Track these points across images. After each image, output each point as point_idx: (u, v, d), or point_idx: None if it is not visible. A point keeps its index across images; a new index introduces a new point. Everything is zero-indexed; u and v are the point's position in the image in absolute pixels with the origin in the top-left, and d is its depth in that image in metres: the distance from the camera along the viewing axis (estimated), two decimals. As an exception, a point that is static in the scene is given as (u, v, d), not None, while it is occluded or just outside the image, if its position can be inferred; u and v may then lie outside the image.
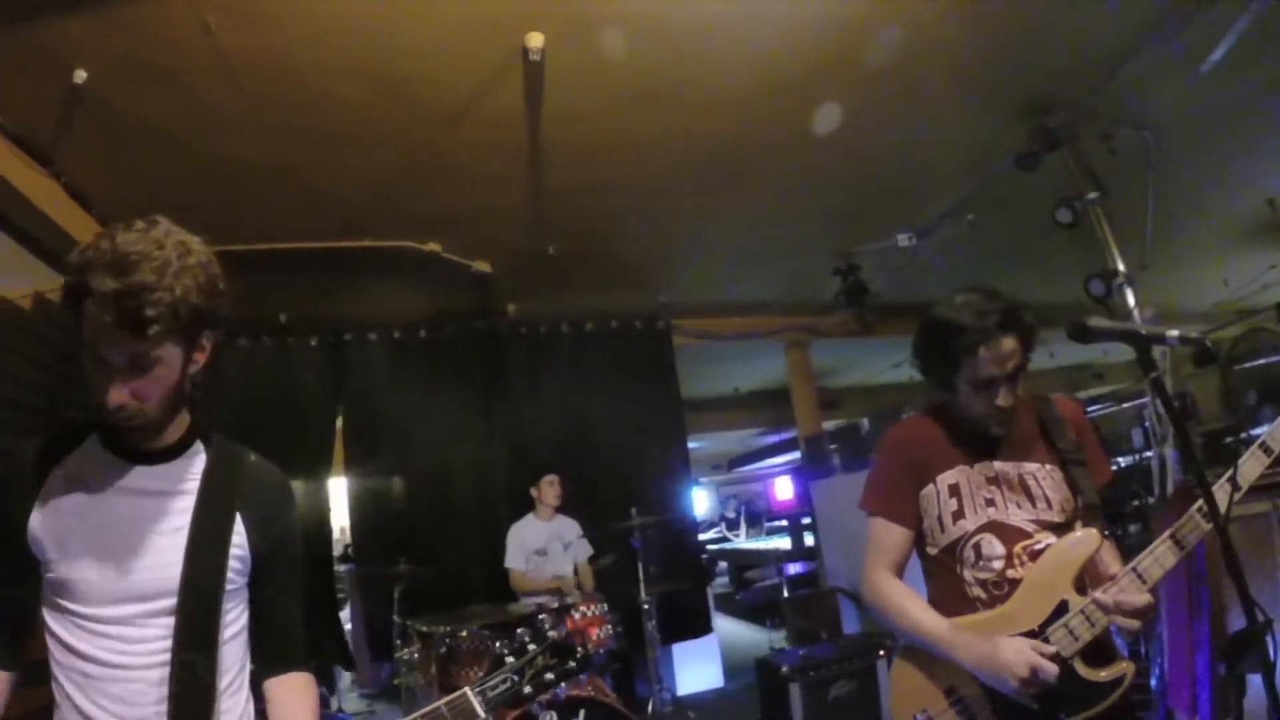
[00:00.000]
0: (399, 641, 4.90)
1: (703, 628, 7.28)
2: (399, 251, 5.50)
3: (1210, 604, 3.43)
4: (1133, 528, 5.16)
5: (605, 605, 4.53)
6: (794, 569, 9.31)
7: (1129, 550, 2.02)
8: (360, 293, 6.32)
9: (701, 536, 13.91)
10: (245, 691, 1.68)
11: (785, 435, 13.90)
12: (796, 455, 10.21)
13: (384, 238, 5.38)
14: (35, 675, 1.60)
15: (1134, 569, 1.91)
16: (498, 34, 3.56)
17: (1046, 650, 1.90)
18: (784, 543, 12.46)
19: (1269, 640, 1.77)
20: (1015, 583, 2.02)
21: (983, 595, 2.07)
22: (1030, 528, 2.06)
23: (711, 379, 11.02)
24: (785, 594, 7.79)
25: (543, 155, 4.63)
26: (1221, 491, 1.85)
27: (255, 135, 4.17)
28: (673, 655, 7.21)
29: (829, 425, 9.35)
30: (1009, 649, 1.90)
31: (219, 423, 1.77)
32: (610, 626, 4.46)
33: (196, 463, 1.66)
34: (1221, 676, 3.27)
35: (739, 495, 19.95)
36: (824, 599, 6.65)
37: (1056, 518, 2.07)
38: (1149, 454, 4.85)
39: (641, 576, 4.89)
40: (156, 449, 1.61)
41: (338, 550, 8.80)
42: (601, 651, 4.34)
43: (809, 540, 9.81)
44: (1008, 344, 2.03)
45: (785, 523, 13.59)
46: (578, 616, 4.36)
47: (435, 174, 4.76)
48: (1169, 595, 3.62)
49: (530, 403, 7.05)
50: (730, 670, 7.61)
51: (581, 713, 3.78)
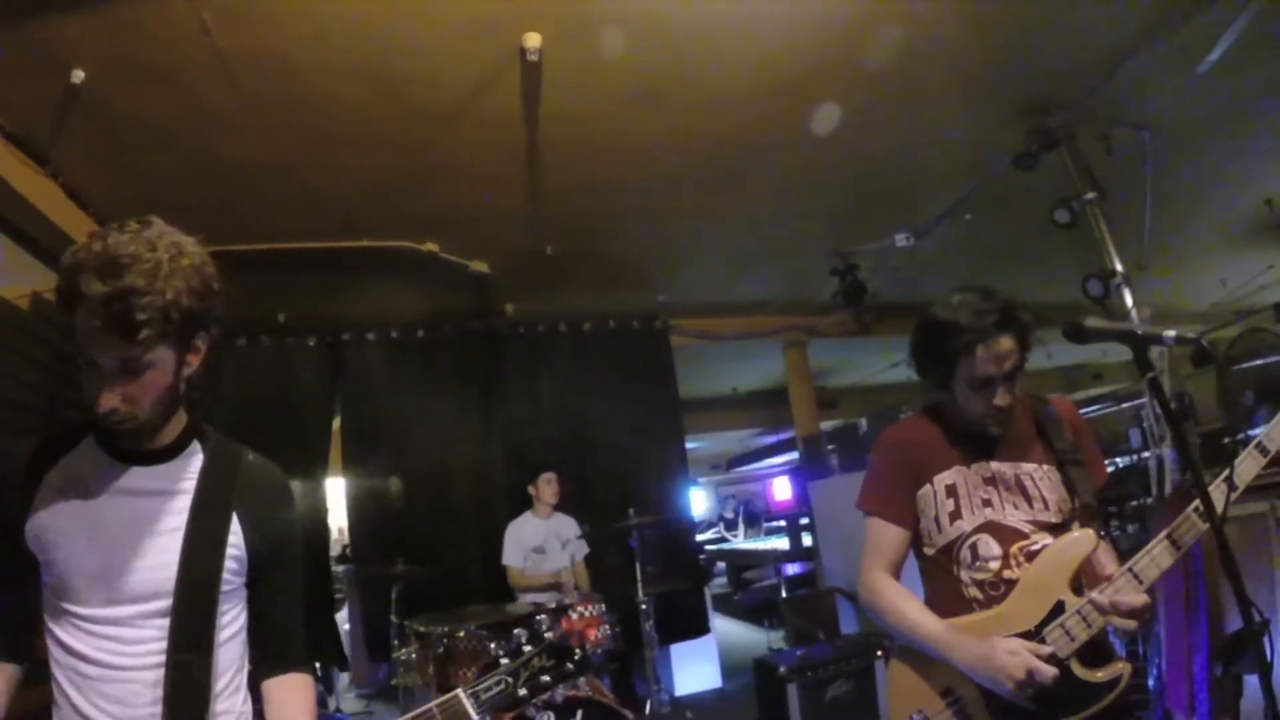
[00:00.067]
0: (397, 642, 4.89)
1: (700, 628, 7.28)
2: (397, 251, 5.49)
3: (1208, 604, 3.44)
4: (1131, 528, 5.16)
5: (603, 605, 4.53)
6: (792, 569, 9.31)
7: (1126, 551, 2.02)
8: (358, 293, 6.32)
9: (700, 537, 13.96)
10: (244, 692, 1.67)
11: (783, 435, 13.91)
12: (795, 455, 10.21)
13: (382, 238, 5.37)
14: (35, 675, 1.60)
15: (1130, 569, 1.91)
16: (496, 34, 3.56)
17: (1043, 651, 1.90)
18: (782, 543, 12.47)
19: (1266, 641, 1.77)
20: (1012, 583, 2.02)
21: (979, 596, 2.07)
22: (1027, 528, 2.06)
23: (710, 379, 11.03)
24: (783, 594, 7.79)
25: (541, 155, 4.63)
26: (1218, 492, 1.85)
27: (253, 135, 4.16)
28: (671, 655, 7.22)
29: (827, 425, 9.34)
30: (1005, 650, 1.89)
31: (217, 422, 1.76)
32: (608, 626, 4.45)
33: (194, 463, 1.65)
34: (1218, 677, 3.28)
35: (737, 495, 19.95)
36: (822, 599, 6.65)
37: (1053, 518, 2.07)
38: (1147, 454, 4.85)
39: (639, 576, 4.88)
40: (153, 449, 1.60)
41: (336, 550, 8.78)
42: (599, 652, 4.33)
43: (807, 540, 9.82)
44: (1005, 343, 2.03)
45: (783, 523, 13.61)
46: (575, 617, 4.35)
47: (433, 174, 4.75)
48: (1167, 595, 3.63)
49: (528, 403, 7.05)
50: (728, 670, 7.63)
51: (579, 713, 3.78)
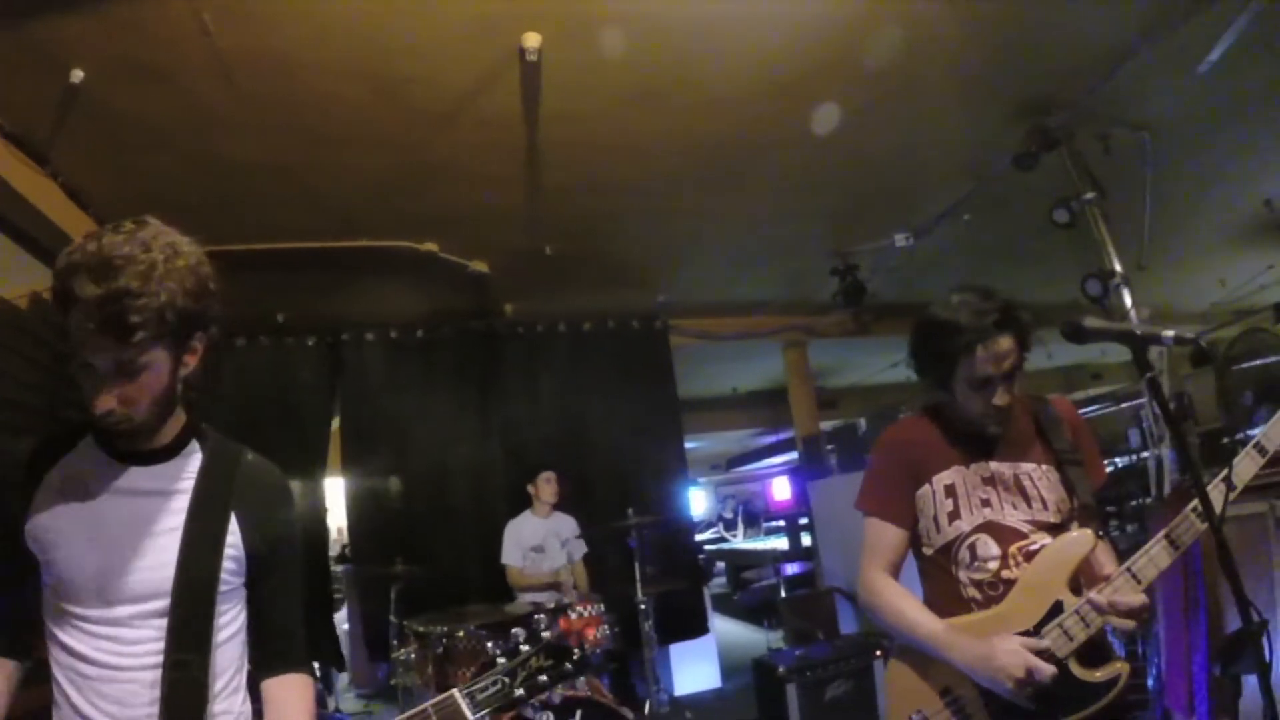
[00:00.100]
0: (396, 641, 4.90)
1: (699, 628, 7.28)
2: (396, 251, 5.49)
3: (1207, 604, 3.44)
4: (1130, 528, 5.16)
5: (602, 605, 4.53)
6: (791, 569, 9.31)
7: (1126, 551, 2.02)
8: (357, 293, 6.31)
9: (699, 537, 13.94)
10: (243, 693, 1.66)
11: (783, 435, 13.90)
12: (794, 455, 10.21)
13: (381, 237, 5.37)
14: (35, 674, 1.60)
15: (1129, 569, 1.91)
16: (495, 34, 3.55)
17: (1040, 645, 1.90)
18: (781, 543, 12.48)
19: (1264, 641, 1.77)
20: (1010, 583, 2.02)
21: (978, 596, 2.07)
22: (1026, 528, 2.06)
23: (709, 379, 11.02)
24: (782, 594, 7.79)
25: (540, 155, 4.63)
26: (1217, 491, 1.85)
27: (252, 135, 4.16)
28: (670, 655, 7.22)
29: (826, 425, 9.34)
30: (1004, 649, 1.89)
31: (216, 422, 1.75)
32: (607, 626, 4.45)
33: (192, 462, 1.64)
34: (1217, 677, 3.28)
35: (737, 495, 19.94)
36: (821, 599, 6.65)
37: (1052, 518, 2.07)
38: (1146, 454, 4.85)
39: (638, 576, 4.88)
40: (152, 449, 1.60)
41: (335, 550, 8.78)
42: (598, 651, 4.34)
43: (806, 540, 9.82)
44: (1004, 343, 2.03)
45: (782, 523, 13.61)
46: (574, 616, 4.35)
47: (432, 174, 4.75)
48: (1166, 595, 3.63)
49: (527, 403, 7.05)
50: (727, 670, 7.63)
51: (578, 713, 3.78)
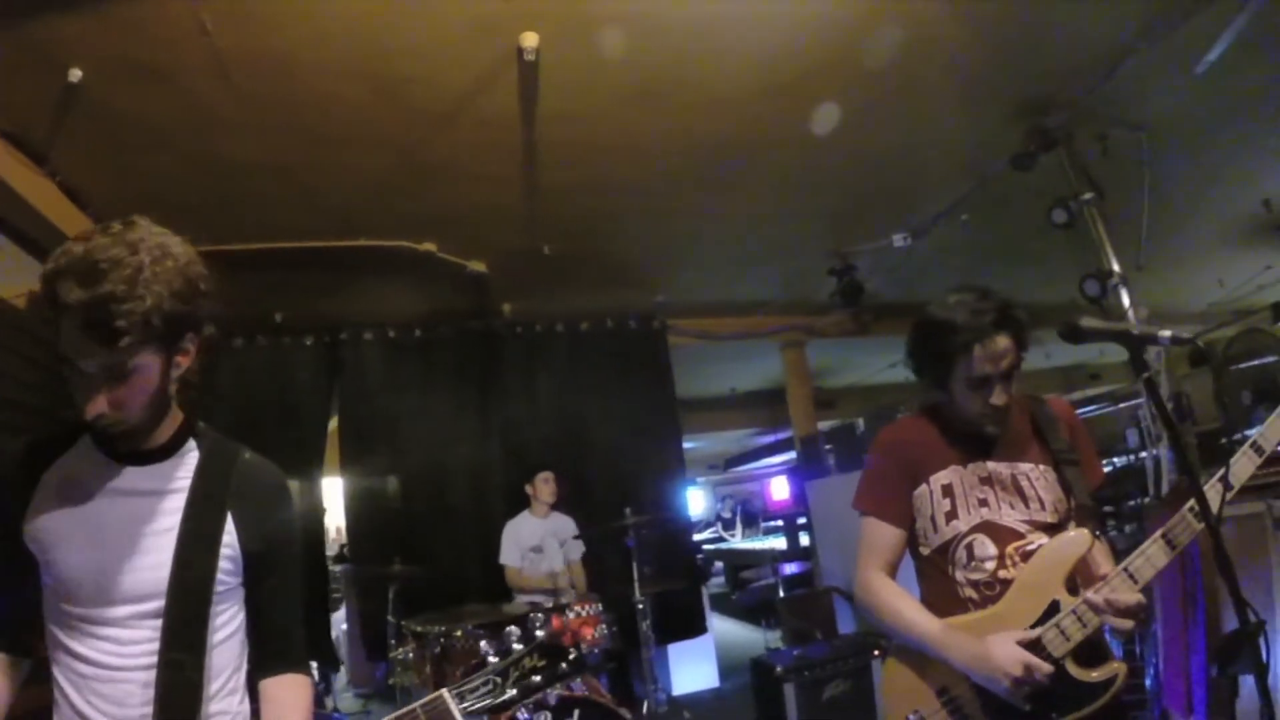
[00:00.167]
0: (394, 641, 4.89)
1: (697, 628, 7.29)
2: (394, 251, 5.48)
3: (1205, 604, 3.44)
4: (1128, 528, 5.16)
5: (600, 605, 4.52)
6: (790, 569, 9.32)
7: (1124, 551, 2.02)
8: (356, 292, 6.31)
9: (697, 536, 13.93)
10: (241, 693, 1.65)
11: (781, 435, 13.91)
12: (792, 455, 10.21)
13: (379, 237, 5.36)
14: (35, 674, 1.60)
15: (1125, 569, 1.92)
16: (494, 34, 3.55)
17: (1032, 635, 1.91)
18: (780, 543, 12.47)
19: (1261, 641, 1.77)
20: (1007, 583, 2.02)
21: (974, 596, 2.07)
22: (1023, 528, 2.06)
23: (708, 379, 11.03)
24: (781, 594, 7.78)
25: (538, 155, 4.63)
26: (1214, 491, 1.85)
27: (251, 135, 4.16)
28: (668, 655, 7.23)
29: (824, 425, 9.34)
30: (1001, 649, 1.90)
31: (214, 422, 1.75)
32: (605, 626, 4.45)
33: (189, 462, 1.63)
34: (1215, 678, 3.28)
35: (735, 495, 19.92)
36: (819, 599, 6.65)
37: (1049, 518, 2.07)
38: (1144, 454, 4.86)
39: (636, 576, 4.88)
40: (148, 449, 1.59)
41: (333, 550, 8.78)
42: (595, 651, 4.33)
43: (804, 540, 9.82)
44: (1002, 343, 2.03)
45: (781, 523, 13.60)
46: (572, 616, 4.35)
47: (431, 174, 4.75)
48: (1164, 595, 3.63)
49: (526, 402, 7.05)
50: (726, 670, 7.63)
51: (576, 713, 3.78)
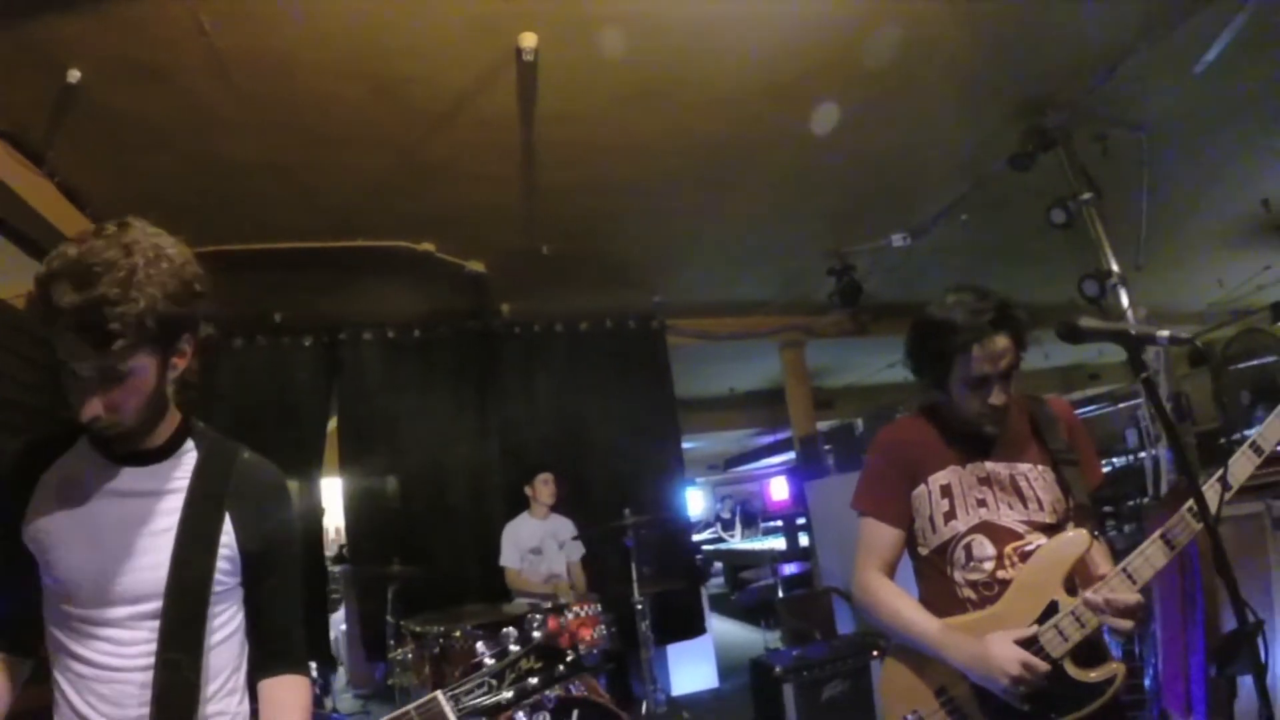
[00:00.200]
0: (393, 642, 4.89)
1: (696, 628, 7.28)
2: (393, 251, 5.48)
3: (1204, 604, 3.44)
4: (1127, 528, 5.16)
5: (599, 605, 4.52)
6: (789, 569, 9.32)
7: (1123, 551, 2.02)
8: (355, 292, 6.31)
9: (697, 537, 13.93)
10: (240, 693, 1.65)
11: (780, 435, 13.90)
12: (791, 455, 10.20)
13: (378, 237, 5.36)
14: (35, 674, 1.60)
15: (1124, 569, 1.91)
16: (492, 34, 3.56)
17: (1029, 634, 1.91)
18: (779, 543, 12.47)
19: (1259, 642, 1.77)
20: (1006, 583, 2.02)
21: (973, 596, 2.07)
22: (1021, 529, 2.06)
23: (707, 379, 11.03)
24: (780, 594, 7.78)
25: (537, 155, 4.63)
26: (1212, 491, 1.85)
27: (250, 135, 4.15)
28: (668, 656, 7.23)
29: (824, 425, 9.34)
30: (999, 649, 1.90)
31: (213, 422, 1.74)
32: (604, 626, 4.44)
33: (187, 462, 1.63)
34: (1213, 678, 3.28)
35: (734, 495, 19.92)
36: (818, 599, 6.65)
37: (1048, 518, 2.07)
38: (1143, 454, 4.86)
39: (635, 576, 4.87)
40: (145, 450, 1.59)
41: (332, 550, 8.78)
42: (594, 652, 4.33)
43: (804, 540, 9.81)
44: (1000, 342, 2.03)
45: (780, 523, 13.60)
46: (571, 616, 4.35)
47: (430, 174, 4.75)
48: (1163, 596, 3.63)
49: (525, 403, 7.05)
50: (725, 670, 7.63)
51: (574, 713, 3.77)
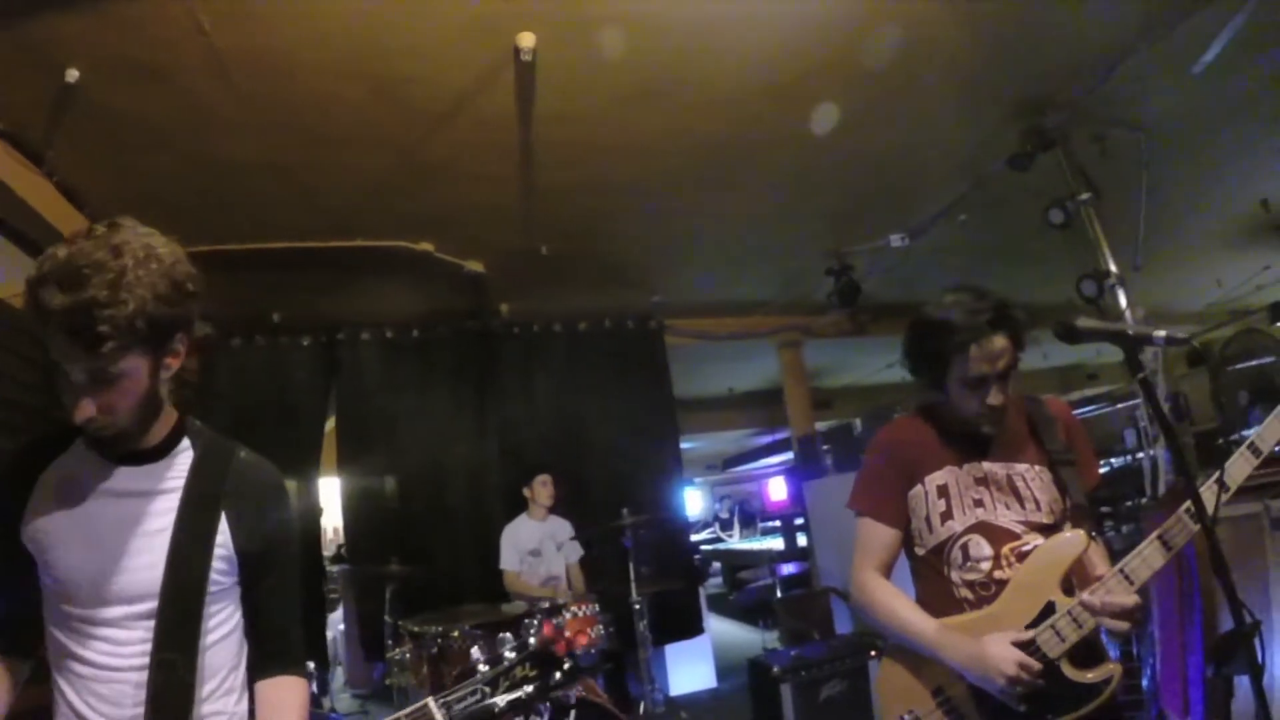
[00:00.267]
0: (391, 641, 4.89)
1: (695, 628, 7.27)
2: (392, 251, 5.48)
3: (1202, 605, 3.44)
4: (1125, 528, 5.16)
5: (597, 605, 4.52)
6: (787, 569, 9.32)
7: (1121, 551, 2.02)
8: (353, 292, 6.30)
9: (695, 537, 13.92)
10: (239, 693, 1.65)
11: (779, 435, 13.90)
12: (790, 455, 10.20)
13: (377, 237, 5.36)
14: (35, 673, 1.60)
15: (1121, 570, 1.92)
16: (492, 34, 3.55)
17: (1027, 637, 1.91)
18: (777, 543, 12.47)
19: (1256, 642, 1.77)
20: (1002, 584, 2.02)
21: (970, 596, 2.07)
22: (1018, 529, 2.06)
23: (705, 379, 11.03)
24: (778, 594, 7.78)
25: (536, 155, 4.62)
26: (1210, 492, 1.85)
27: (249, 135, 4.15)
28: (665, 655, 7.22)
29: (822, 425, 9.33)
30: (995, 649, 1.90)
31: (211, 422, 1.74)
32: (602, 626, 4.44)
33: (183, 461, 1.63)
34: (1210, 678, 3.28)
35: (733, 495, 19.93)
36: (816, 599, 6.64)
37: (1045, 519, 2.07)
38: (1141, 455, 4.86)
39: (633, 576, 4.87)
40: (141, 450, 1.59)
41: (330, 550, 8.77)
42: (593, 652, 4.33)
43: (802, 541, 9.82)
44: (998, 342, 2.03)
45: (778, 523, 13.60)
46: (569, 616, 4.35)
47: (428, 174, 4.74)
48: (1161, 596, 3.63)
49: (523, 403, 7.04)
50: (723, 670, 7.62)
51: (572, 713, 3.78)
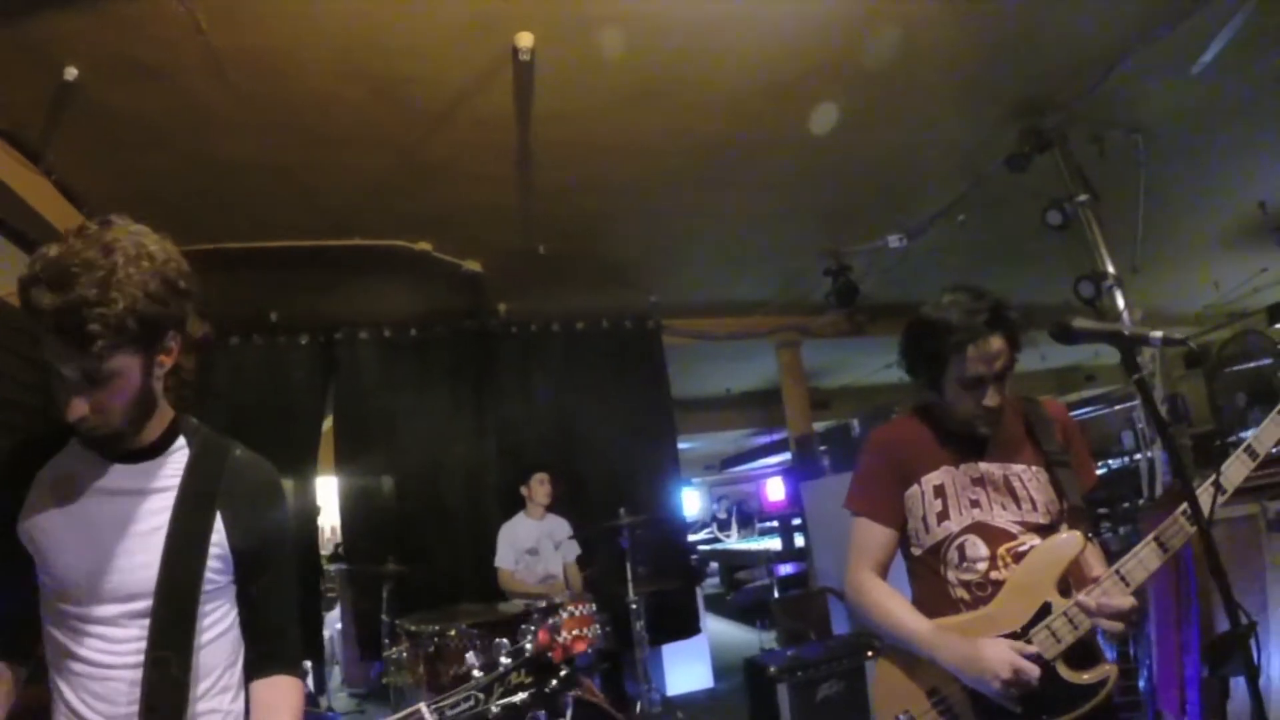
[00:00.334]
0: (388, 640, 4.89)
1: (692, 628, 7.27)
2: (390, 250, 5.47)
3: (1199, 606, 3.44)
4: (1122, 529, 5.17)
5: (594, 605, 4.52)
6: (784, 570, 9.32)
7: (1118, 553, 2.03)
8: (351, 292, 6.30)
9: (693, 537, 13.93)
10: (234, 691, 1.64)
11: (776, 436, 13.91)
12: (787, 456, 10.21)
13: (375, 236, 5.35)
14: (34, 673, 1.59)
15: (1117, 571, 1.92)
16: (490, 34, 3.55)
17: (1028, 649, 1.90)
18: (775, 543, 12.47)
19: (1252, 644, 1.77)
20: (999, 584, 2.02)
21: (966, 596, 2.07)
22: (1015, 529, 2.06)
23: (703, 379, 11.03)
24: (775, 594, 7.77)
25: (534, 155, 4.62)
26: (1207, 494, 1.85)
27: (247, 134, 4.14)
28: (662, 655, 7.23)
29: (820, 426, 9.34)
30: (990, 650, 1.90)
31: (209, 421, 1.74)
32: (599, 626, 4.44)
33: (178, 459, 1.62)
34: (1205, 679, 3.28)
35: (730, 495, 19.93)
36: (814, 600, 6.65)
37: (1041, 519, 2.07)
38: (1139, 456, 4.86)
39: (630, 576, 4.87)
40: (137, 447, 1.58)
41: (328, 550, 8.77)
42: (589, 652, 4.33)
43: (800, 541, 9.81)
44: (995, 343, 2.03)
45: (776, 523, 13.60)
46: (566, 616, 4.35)
47: (427, 173, 4.74)
48: (1158, 597, 3.63)
49: (521, 402, 7.04)
50: (720, 670, 7.62)
51: (569, 712, 3.78)
